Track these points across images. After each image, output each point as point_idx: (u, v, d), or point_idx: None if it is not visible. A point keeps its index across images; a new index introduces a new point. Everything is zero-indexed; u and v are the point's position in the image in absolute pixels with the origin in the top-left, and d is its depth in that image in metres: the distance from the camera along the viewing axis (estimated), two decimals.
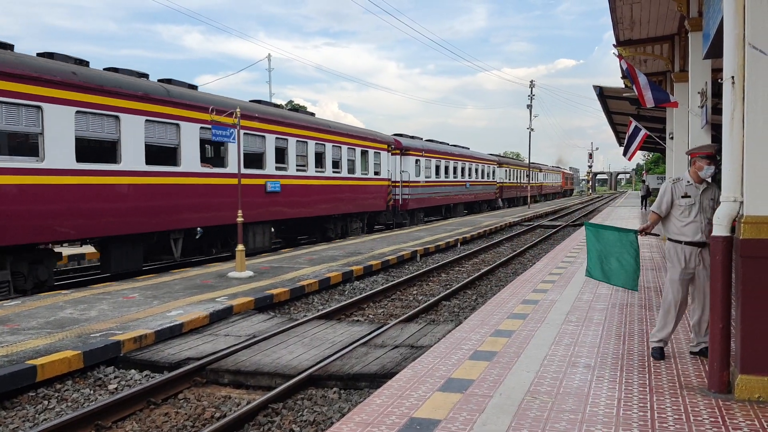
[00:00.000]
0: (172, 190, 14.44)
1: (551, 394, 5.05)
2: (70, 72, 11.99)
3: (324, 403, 6.33)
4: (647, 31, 14.57)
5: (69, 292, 11.11)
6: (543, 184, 72.69)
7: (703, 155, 6.00)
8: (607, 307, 8.55)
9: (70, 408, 6.27)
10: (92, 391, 6.77)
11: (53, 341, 7.56)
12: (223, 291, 11.02)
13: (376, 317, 10.53)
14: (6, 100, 10.65)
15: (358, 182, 23.00)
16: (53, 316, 9.05)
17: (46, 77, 11.35)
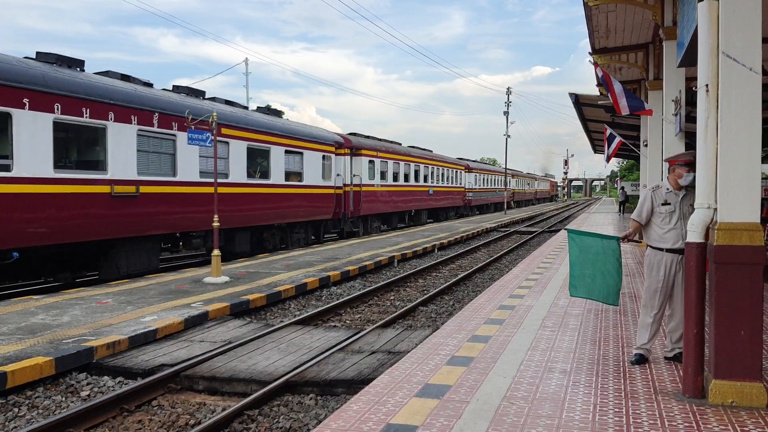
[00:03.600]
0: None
1: (528, 400, 5.06)
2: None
3: (300, 409, 6.29)
4: (622, 40, 14.76)
5: (41, 298, 10.93)
6: (537, 190, 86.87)
7: (682, 162, 6.06)
8: (582, 312, 8.60)
9: (42, 415, 6.15)
10: (64, 398, 6.65)
11: (24, 347, 7.42)
12: (199, 296, 10.92)
13: (353, 323, 10.49)
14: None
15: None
16: (24, 321, 8.89)
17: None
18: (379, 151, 27.86)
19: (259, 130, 18.48)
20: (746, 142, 4.81)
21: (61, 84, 11.98)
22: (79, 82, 12.46)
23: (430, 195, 35.51)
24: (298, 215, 20.68)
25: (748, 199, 4.83)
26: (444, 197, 38.64)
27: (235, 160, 17.28)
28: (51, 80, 11.79)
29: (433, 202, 36.37)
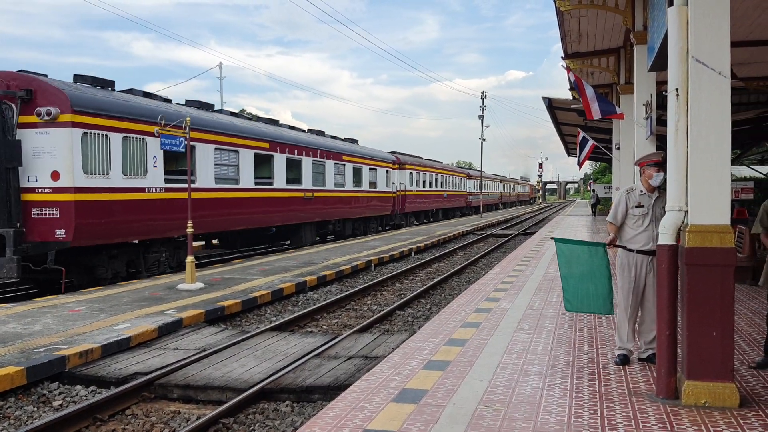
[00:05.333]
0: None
1: (504, 403, 5.07)
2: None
3: (276, 416, 6.25)
4: (594, 44, 14.91)
5: (12, 306, 10.74)
6: (519, 193, 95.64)
7: (651, 163, 6.13)
8: (557, 315, 8.66)
9: (13, 426, 6.04)
10: (36, 408, 6.54)
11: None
12: (173, 303, 10.80)
13: (330, 328, 10.46)
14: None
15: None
16: None
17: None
18: (415, 165, 37.33)
19: (360, 155, 28.32)
20: (716, 145, 4.88)
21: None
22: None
23: (445, 198, 45.10)
24: (371, 211, 29.83)
25: (718, 201, 4.89)
26: (453, 199, 48.00)
27: (345, 174, 26.15)
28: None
29: (446, 203, 46.03)
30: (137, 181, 14.01)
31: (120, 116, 13.53)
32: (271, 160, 19.86)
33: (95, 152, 12.85)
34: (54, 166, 12.22)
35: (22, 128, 12.15)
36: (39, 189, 12.28)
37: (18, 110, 12.09)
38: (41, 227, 12.23)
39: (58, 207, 12.22)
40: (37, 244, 12.16)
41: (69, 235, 12.15)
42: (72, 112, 12.19)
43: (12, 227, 11.85)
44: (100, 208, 12.91)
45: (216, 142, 16.90)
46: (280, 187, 20.39)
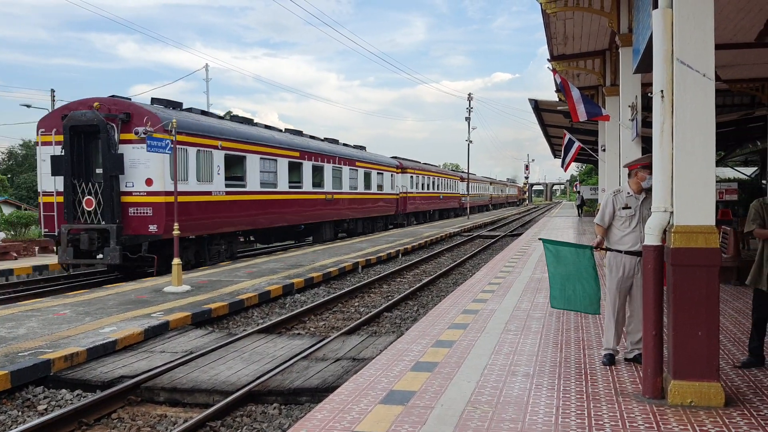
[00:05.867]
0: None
1: (492, 404, 5.08)
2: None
3: (264, 419, 6.22)
4: (580, 47, 15.00)
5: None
6: (508, 195, 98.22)
7: (644, 165, 6.19)
8: (544, 316, 8.69)
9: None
10: (20, 412, 6.48)
11: None
12: (159, 306, 10.74)
13: (317, 330, 10.44)
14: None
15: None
16: None
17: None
18: (415, 169, 40.80)
19: (369, 161, 31.83)
20: (701, 146, 4.92)
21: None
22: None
23: (440, 199, 47.86)
24: (378, 212, 33.21)
25: (703, 202, 4.93)
26: (448, 201, 50.47)
27: (358, 178, 29.40)
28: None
29: (442, 204, 48.70)
30: (206, 185, 17.04)
31: (195, 133, 16.57)
32: (300, 166, 23.15)
33: (181, 162, 15.76)
34: (148, 174, 15.15)
35: (123, 144, 15.07)
36: (135, 192, 15.20)
37: (119, 129, 15.02)
38: (136, 223, 15.19)
39: (151, 207, 15.17)
40: (132, 237, 15.12)
41: (160, 229, 15.07)
42: (164, 131, 14.21)
43: (114, 223, 14.78)
44: (184, 208, 15.50)
45: (261, 152, 20.01)
46: (308, 190, 23.72)
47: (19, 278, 17.13)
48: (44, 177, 15.73)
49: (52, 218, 15.54)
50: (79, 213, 15.17)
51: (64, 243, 14.72)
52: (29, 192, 74.05)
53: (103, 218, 15.07)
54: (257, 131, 20.68)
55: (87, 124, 15.00)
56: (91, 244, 14.82)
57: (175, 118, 13.89)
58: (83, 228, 14.93)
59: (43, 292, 14.30)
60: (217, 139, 17.52)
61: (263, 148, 20.24)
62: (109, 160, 14.88)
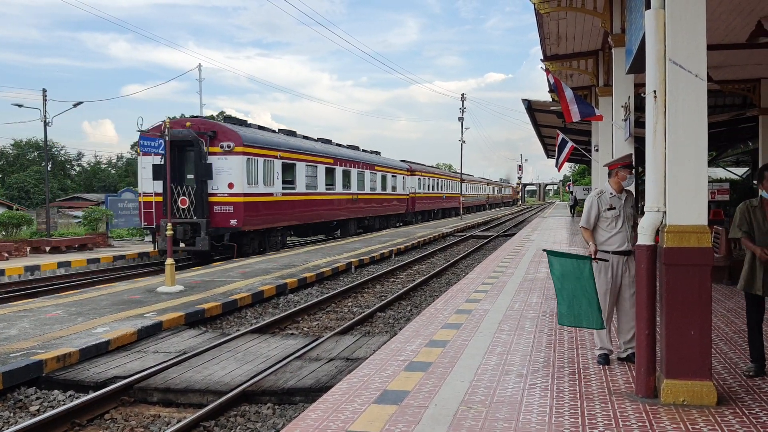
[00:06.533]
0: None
1: (485, 404, 5.09)
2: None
3: (258, 419, 6.21)
4: (573, 47, 15.03)
5: None
6: (504, 195, 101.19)
7: (624, 165, 6.22)
8: (538, 316, 8.71)
9: None
10: (12, 413, 6.45)
11: None
12: (152, 306, 10.71)
13: (310, 330, 10.43)
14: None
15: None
16: None
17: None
18: (423, 172, 45.34)
19: (385, 165, 36.08)
20: (693, 146, 4.94)
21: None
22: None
23: (443, 199, 51.90)
24: (392, 210, 37.46)
25: (695, 202, 4.96)
26: (450, 201, 54.17)
27: (376, 180, 33.74)
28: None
29: (445, 203, 52.67)
30: (269, 188, 21.22)
31: (262, 146, 20.89)
32: (334, 171, 27.33)
33: (252, 170, 20.03)
34: (230, 179, 19.27)
35: (210, 155, 19.23)
36: (219, 194, 19.27)
37: (207, 144, 19.15)
38: (220, 218, 19.23)
39: (232, 205, 19.26)
40: (217, 229, 19.18)
41: (240, 223, 19.27)
42: (242, 145, 19.43)
43: (204, 218, 18.85)
44: (253, 206, 20.01)
45: (305, 160, 24.38)
46: (339, 191, 27.92)
47: (10, 279, 17.05)
48: (145, 181, 19.70)
49: (151, 214, 19.51)
50: (175, 210, 19.00)
51: (163, 234, 17.36)
52: (20, 192, 73.77)
53: (195, 214, 18.99)
54: (303, 142, 25.24)
55: (182, 140, 18.53)
56: (185, 235, 18.80)
57: (245, 135, 19.47)
58: (178, 222, 18.63)
59: (35, 293, 14.23)
60: (276, 150, 21.93)
61: (307, 156, 24.61)
62: (200, 168, 19.01)
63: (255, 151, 20.26)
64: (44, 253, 22.09)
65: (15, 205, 54.12)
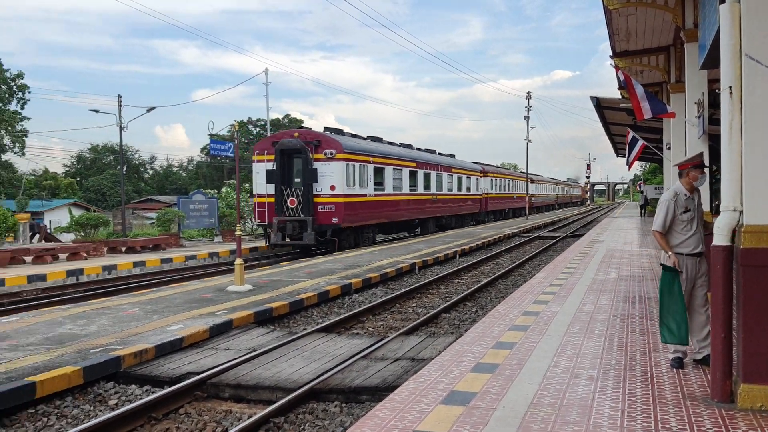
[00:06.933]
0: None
1: (554, 406, 5.03)
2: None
3: (326, 416, 6.31)
4: (643, 43, 14.65)
5: (68, 308, 11.08)
6: (572, 195, 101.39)
7: (695, 165, 6.06)
8: (608, 318, 8.54)
9: (70, 425, 6.22)
10: (92, 407, 6.72)
11: (52, 357, 7.53)
12: (223, 305, 11.00)
13: (375, 330, 10.50)
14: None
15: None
16: (52, 331, 9.02)
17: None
18: (494, 173, 47.61)
19: (460, 167, 38.11)
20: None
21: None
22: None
23: (514, 199, 53.16)
24: (467, 210, 39.44)
25: None
26: (520, 201, 54.85)
27: (453, 182, 35.93)
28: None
29: (515, 204, 53.75)
30: (363, 190, 23.88)
31: (358, 153, 23.59)
32: (416, 174, 29.78)
33: (350, 174, 22.73)
34: (332, 182, 21.99)
35: (315, 161, 22.10)
36: (322, 195, 22.00)
37: (313, 151, 22.06)
38: (323, 216, 22.00)
39: (334, 205, 22.02)
40: (321, 225, 21.92)
41: (340, 220, 22.02)
42: (344, 152, 22.31)
43: (310, 216, 21.65)
44: (351, 205, 22.76)
45: (392, 164, 26.98)
46: (420, 192, 30.33)
47: (89, 277, 17.79)
48: (258, 184, 22.84)
49: (264, 213, 22.68)
50: (285, 209, 21.96)
51: (275, 229, 21.69)
52: (97, 195, 76.77)
53: (302, 213, 21.79)
54: (389, 148, 27.86)
55: (291, 148, 21.98)
56: (293, 230, 21.64)
57: (345, 143, 22.60)
58: (288, 219, 21.69)
59: (112, 291, 14.81)
60: (369, 156, 24.65)
61: (394, 161, 27.22)
62: (307, 172, 21.84)
63: (352, 157, 22.99)
64: (120, 253, 22.95)
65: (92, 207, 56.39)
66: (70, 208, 49.27)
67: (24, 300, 14.19)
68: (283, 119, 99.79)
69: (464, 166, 39.49)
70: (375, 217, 25.18)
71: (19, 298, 14.44)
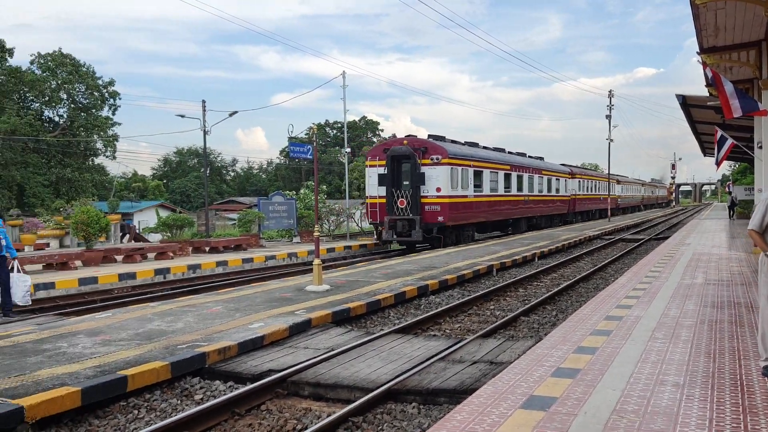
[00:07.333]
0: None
1: (639, 413, 4.88)
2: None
3: (403, 418, 6.33)
4: (732, 38, 14.05)
5: (156, 305, 11.53)
6: (658, 196, 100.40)
7: None
8: (695, 324, 8.22)
9: (159, 417, 6.47)
10: (179, 401, 6.97)
11: (142, 352, 7.85)
12: (302, 304, 11.20)
13: (453, 332, 10.46)
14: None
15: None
16: (142, 327, 9.41)
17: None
18: (582, 174, 49.22)
19: (549, 169, 39.47)
20: None
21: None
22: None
23: (600, 200, 53.55)
24: (556, 211, 40.94)
25: None
26: (605, 202, 53.98)
27: (543, 183, 37.47)
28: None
29: (602, 204, 53.60)
30: (465, 191, 26.15)
31: (460, 158, 25.92)
32: (510, 176, 31.69)
33: (454, 177, 25.05)
34: (437, 184, 24.37)
35: (423, 166, 24.57)
36: (429, 196, 24.43)
37: (420, 157, 24.52)
38: (429, 215, 24.41)
39: (439, 205, 24.37)
40: (428, 224, 24.32)
41: (445, 219, 24.42)
42: (448, 158, 24.70)
43: (418, 215, 24.17)
44: (454, 206, 25.11)
45: (489, 168, 29.08)
46: (514, 194, 32.24)
47: (175, 276, 18.46)
48: (370, 187, 25.76)
49: (375, 213, 25.45)
50: (395, 209, 24.64)
51: (386, 227, 24.40)
52: (182, 196, 79.56)
53: (411, 212, 24.36)
54: (487, 153, 30.24)
55: (401, 154, 24.75)
56: (403, 228, 24.28)
57: (449, 149, 25.04)
58: (398, 218, 24.37)
59: (197, 290, 15.33)
60: (469, 160, 26.88)
61: (490, 164, 29.28)
62: (415, 176, 24.46)
63: (456, 162, 25.31)
64: (204, 252, 23.71)
65: (178, 208, 58.49)
66: (157, 209, 51.33)
67: (115, 297, 14.88)
68: (360, 121, 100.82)
69: (553, 168, 40.95)
70: (474, 217, 27.49)
71: (111, 295, 15.16)
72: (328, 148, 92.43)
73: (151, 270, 18.04)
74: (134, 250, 21.11)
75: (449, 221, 24.71)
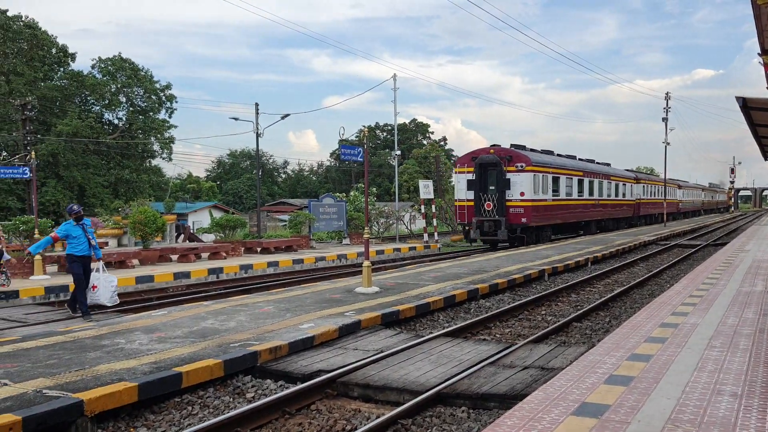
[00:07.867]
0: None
1: (694, 423, 4.76)
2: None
3: (453, 421, 6.31)
4: None
5: (209, 304, 11.76)
6: (718, 201, 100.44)
7: None
8: (754, 332, 7.97)
9: (212, 414, 6.59)
10: (231, 398, 7.09)
11: (196, 350, 8.02)
12: (351, 306, 11.26)
13: (503, 337, 10.38)
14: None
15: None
16: (196, 326, 9.61)
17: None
18: (647, 180, 51.13)
19: (616, 175, 41.48)
20: None
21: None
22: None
23: (662, 205, 52.98)
24: (622, 214, 43.26)
25: None
26: (670, 206, 55.43)
27: (611, 188, 39.60)
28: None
29: (660, 208, 53.84)
30: (545, 195, 28.57)
31: (541, 165, 28.50)
32: (582, 182, 34.13)
33: (536, 183, 27.48)
34: (521, 189, 27.00)
35: (508, 172, 27.11)
36: (513, 200, 27.06)
37: (506, 164, 27.11)
38: (514, 217, 27.07)
39: (523, 208, 27.03)
40: (512, 225, 26.98)
41: (528, 220, 27.15)
42: (531, 165, 27.41)
43: (503, 217, 26.70)
44: (536, 208, 27.62)
45: (565, 173, 31.61)
46: (585, 198, 34.65)
47: (227, 276, 18.80)
48: (459, 191, 28.85)
49: (464, 214, 28.25)
50: (482, 211, 27.21)
51: (474, 227, 27.21)
52: (235, 197, 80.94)
53: (497, 214, 26.93)
54: (563, 160, 32.76)
55: (488, 162, 27.43)
56: (490, 228, 27.03)
57: (532, 158, 27.70)
58: (485, 220, 27.06)
59: (249, 289, 15.58)
60: (549, 167, 29.42)
61: (566, 170, 31.90)
62: (500, 182, 27.04)
63: (537, 169, 27.88)
64: (255, 253, 24.09)
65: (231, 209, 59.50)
66: (211, 210, 52.29)
67: (171, 295, 15.25)
68: (410, 124, 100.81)
69: (620, 174, 43.37)
70: (552, 219, 29.90)
71: (167, 294, 15.54)
72: (378, 151, 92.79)
73: (204, 269, 18.41)
74: (189, 249, 21.58)
75: (532, 222, 27.38)
